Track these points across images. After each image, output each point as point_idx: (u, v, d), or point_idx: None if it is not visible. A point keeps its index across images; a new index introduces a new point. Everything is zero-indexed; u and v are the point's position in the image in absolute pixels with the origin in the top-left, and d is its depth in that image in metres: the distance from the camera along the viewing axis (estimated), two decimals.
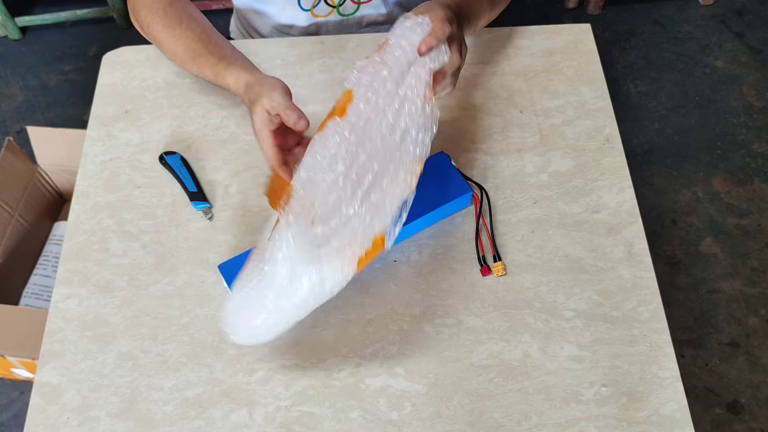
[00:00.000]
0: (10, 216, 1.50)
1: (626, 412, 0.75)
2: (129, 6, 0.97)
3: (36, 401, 0.78)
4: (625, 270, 0.83)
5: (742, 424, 1.52)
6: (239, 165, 0.93)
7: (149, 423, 0.76)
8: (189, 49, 0.90)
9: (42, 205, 1.59)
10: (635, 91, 2.03)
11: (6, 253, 1.49)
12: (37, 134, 1.53)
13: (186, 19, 0.92)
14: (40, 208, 1.59)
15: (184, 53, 0.91)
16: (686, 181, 1.86)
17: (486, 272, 0.83)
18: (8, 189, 1.50)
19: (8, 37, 2.18)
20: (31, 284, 1.53)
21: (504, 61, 1.02)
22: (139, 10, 0.94)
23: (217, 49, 0.89)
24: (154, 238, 0.88)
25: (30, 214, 1.55)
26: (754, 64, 2.08)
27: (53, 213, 1.64)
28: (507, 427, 0.74)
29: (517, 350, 0.79)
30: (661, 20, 2.18)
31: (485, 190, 0.89)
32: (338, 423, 0.75)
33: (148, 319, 0.82)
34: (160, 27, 0.92)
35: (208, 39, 0.90)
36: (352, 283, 0.83)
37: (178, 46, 0.91)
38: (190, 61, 0.90)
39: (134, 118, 0.98)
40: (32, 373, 1.46)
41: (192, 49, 0.90)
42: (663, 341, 0.79)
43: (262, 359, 0.79)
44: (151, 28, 0.94)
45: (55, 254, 1.56)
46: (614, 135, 0.94)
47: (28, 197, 1.54)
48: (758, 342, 1.61)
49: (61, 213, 1.65)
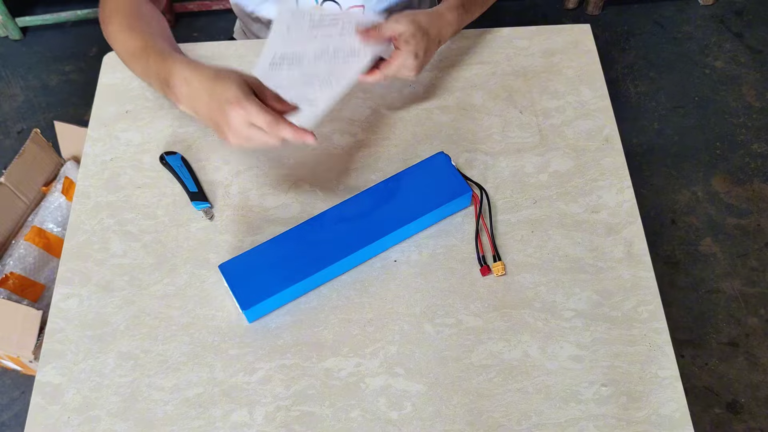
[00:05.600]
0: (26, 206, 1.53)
1: (626, 412, 0.75)
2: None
3: (37, 401, 0.78)
4: (625, 270, 0.84)
5: (741, 423, 1.52)
6: (240, 165, 0.94)
7: (149, 423, 0.76)
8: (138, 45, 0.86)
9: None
10: (635, 92, 2.03)
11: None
12: (63, 130, 1.57)
13: (147, 20, 0.90)
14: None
15: (137, 47, 0.86)
16: (686, 181, 1.86)
17: (486, 272, 0.84)
18: (30, 181, 1.53)
19: (9, 38, 2.18)
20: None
21: (504, 61, 1.02)
22: (106, 3, 0.91)
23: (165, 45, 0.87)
24: (155, 238, 0.88)
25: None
26: (753, 64, 2.08)
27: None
28: (507, 426, 0.75)
29: (516, 350, 0.79)
30: (661, 20, 2.18)
31: (485, 190, 0.89)
32: (338, 423, 0.75)
33: (148, 318, 0.82)
34: (123, 27, 0.88)
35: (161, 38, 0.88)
36: (352, 283, 0.84)
37: (132, 39, 0.87)
38: (139, 52, 0.85)
39: (135, 118, 0.98)
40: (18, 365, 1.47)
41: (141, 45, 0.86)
42: (662, 341, 0.79)
43: (262, 359, 0.79)
44: (111, 25, 0.89)
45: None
46: (614, 135, 0.94)
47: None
48: (757, 342, 1.61)
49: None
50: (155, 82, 0.83)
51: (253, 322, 0.82)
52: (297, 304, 0.83)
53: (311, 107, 0.85)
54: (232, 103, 0.74)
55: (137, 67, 0.87)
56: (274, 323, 0.82)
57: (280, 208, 0.89)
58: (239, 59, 1.01)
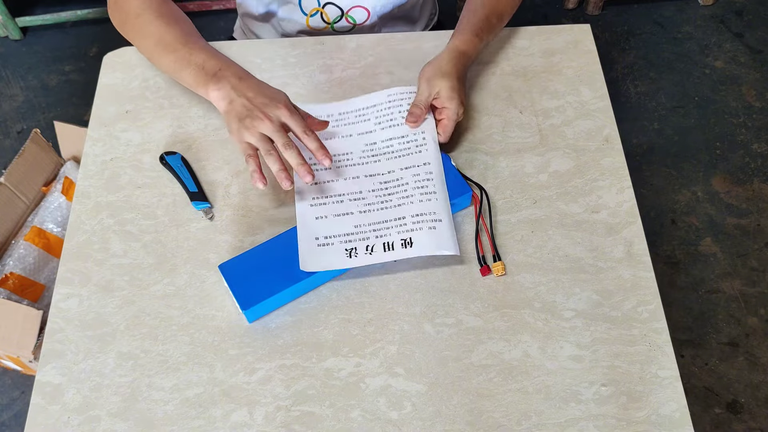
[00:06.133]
0: (26, 206, 1.53)
1: (626, 412, 0.75)
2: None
3: (37, 401, 0.78)
4: (625, 270, 0.84)
5: (741, 423, 1.52)
6: (240, 165, 0.94)
7: (150, 423, 0.76)
8: (179, 37, 0.90)
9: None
10: (635, 92, 2.03)
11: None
12: (63, 130, 1.58)
13: (180, 18, 0.94)
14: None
15: (173, 39, 0.90)
16: (686, 181, 1.86)
17: (486, 272, 0.84)
18: (29, 181, 1.53)
19: (9, 38, 2.18)
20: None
21: (504, 61, 1.02)
22: (130, 1, 0.93)
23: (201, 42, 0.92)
24: (155, 238, 0.88)
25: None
26: (753, 64, 2.08)
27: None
28: (507, 426, 0.75)
29: (516, 350, 0.79)
30: (661, 21, 2.18)
31: (485, 190, 0.89)
32: (338, 423, 0.75)
33: (148, 318, 0.82)
34: (153, 17, 0.91)
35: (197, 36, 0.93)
36: (352, 283, 0.83)
37: (168, 33, 0.91)
38: (180, 46, 0.89)
39: (135, 119, 0.98)
40: (18, 365, 1.47)
41: (182, 37, 0.90)
42: (662, 341, 0.79)
43: (262, 359, 0.79)
44: (140, 18, 0.92)
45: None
46: (614, 135, 0.94)
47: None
48: (757, 342, 1.61)
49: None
50: (193, 71, 0.87)
51: (253, 322, 0.82)
52: (297, 304, 0.83)
53: (438, 222, 0.83)
54: (280, 102, 0.82)
55: (168, 57, 0.89)
56: (274, 323, 0.82)
57: (281, 208, 0.89)
58: (239, 59, 1.01)
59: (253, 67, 1.02)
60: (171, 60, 0.89)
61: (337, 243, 0.82)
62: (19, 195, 1.51)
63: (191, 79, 0.87)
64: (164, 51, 0.90)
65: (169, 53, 0.89)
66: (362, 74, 1.01)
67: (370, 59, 1.03)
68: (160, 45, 0.90)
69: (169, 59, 0.89)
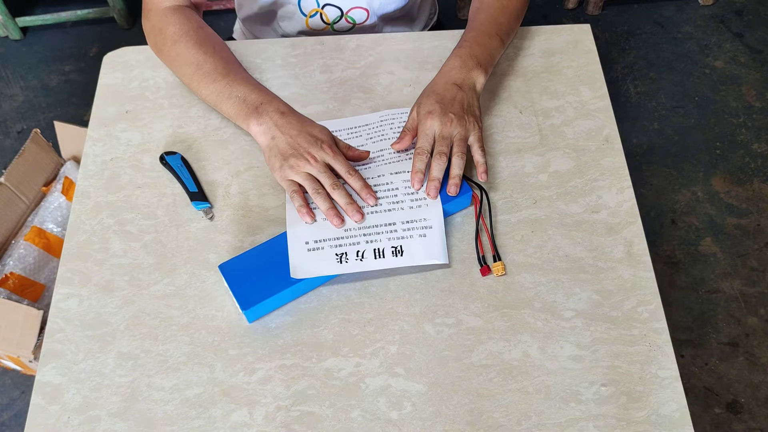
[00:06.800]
0: (26, 207, 1.53)
1: (626, 412, 0.75)
2: (145, 11, 0.98)
3: (37, 401, 0.78)
4: (625, 270, 0.84)
5: (741, 423, 1.52)
6: (240, 165, 0.94)
7: (150, 423, 0.76)
8: (219, 66, 0.92)
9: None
10: (635, 92, 2.03)
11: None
12: (63, 130, 1.58)
13: (218, 45, 0.96)
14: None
15: (213, 69, 0.91)
16: (686, 181, 1.86)
17: (486, 272, 0.84)
18: (30, 181, 1.53)
19: (9, 38, 2.18)
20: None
21: (504, 61, 1.02)
22: (168, 27, 0.95)
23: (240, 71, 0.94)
24: (155, 238, 0.88)
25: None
26: (753, 64, 2.08)
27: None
28: (507, 426, 0.75)
29: (516, 350, 0.79)
30: (661, 20, 2.19)
31: (485, 190, 0.89)
32: (338, 423, 0.75)
33: (148, 318, 0.82)
34: (191, 44, 0.93)
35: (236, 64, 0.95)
36: (352, 283, 0.83)
37: (207, 62, 0.92)
38: (220, 77, 0.90)
39: (135, 119, 0.98)
40: (18, 365, 1.47)
41: (223, 65, 0.92)
42: (662, 341, 0.79)
43: (262, 359, 0.79)
44: (179, 44, 0.94)
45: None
46: (614, 135, 0.94)
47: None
48: (757, 342, 1.61)
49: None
50: (234, 104, 0.89)
51: (253, 322, 0.82)
52: (297, 304, 0.83)
53: (428, 230, 0.83)
54: (323, 142, 0.84)
55: (209, 87, 0.91)
56: (274, 323, 0.82)
57: (280, 208, 0.89)
58: (239, 59, 1.01)
59: (253, 67, 1.02)
60: (211, 91, 0.90)
61: (327, 247, 0.82)
62: (19, 195, 1.51)
63: (232, 111, 0.89)
64: (203, 80, 0.91)
65: (209, 83, 0.90)
66: (362, 74, 1.01)
67: (370, 59, 1.03)
68: (199, 73, 0.92)
69: (209, 90, 0.91)
